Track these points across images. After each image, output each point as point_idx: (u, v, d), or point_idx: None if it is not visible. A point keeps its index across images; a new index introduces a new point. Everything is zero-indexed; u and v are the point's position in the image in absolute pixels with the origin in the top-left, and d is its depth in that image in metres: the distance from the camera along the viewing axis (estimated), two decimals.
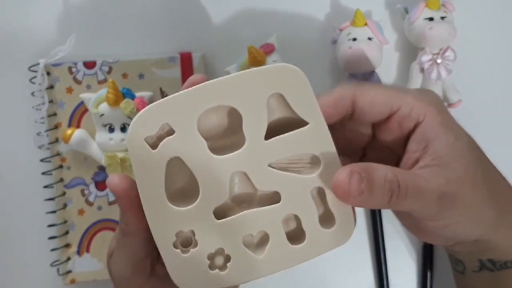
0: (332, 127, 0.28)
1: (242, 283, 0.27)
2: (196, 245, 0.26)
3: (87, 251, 0.46)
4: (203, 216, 0.26)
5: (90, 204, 0.46)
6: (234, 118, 0.26)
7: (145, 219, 0.26)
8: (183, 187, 0.27)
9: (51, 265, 0.46)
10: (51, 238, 0.46)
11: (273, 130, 0.27)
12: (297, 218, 0.27)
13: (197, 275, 0.26)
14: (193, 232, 0.26)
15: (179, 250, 0.26)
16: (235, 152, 0.26)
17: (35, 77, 0.45)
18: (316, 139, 0.27)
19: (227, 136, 0.27)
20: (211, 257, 0.26)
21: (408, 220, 0.32)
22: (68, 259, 0.46)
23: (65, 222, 0.46)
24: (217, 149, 0.26)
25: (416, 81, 0.45)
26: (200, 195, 0.26)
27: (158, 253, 0.27)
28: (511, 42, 0.48)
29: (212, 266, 0.26)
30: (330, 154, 0.27)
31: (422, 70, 0.45)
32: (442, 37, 0.44)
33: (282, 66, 0.26)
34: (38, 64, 0.45)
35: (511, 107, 0.48)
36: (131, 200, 0.27)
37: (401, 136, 0.30)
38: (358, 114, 0.30)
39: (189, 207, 0.26)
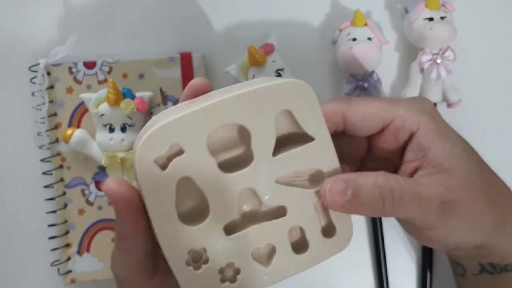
0: None
1: None
2: (207, 261, 0.27)
3: (88, 251, 0.46)
4: (214, 233, 0.26)
5: (90, 204, 0.46)
6: (242, 132, 0.27)
7: (142, 223, 0.26)
8: (193, 205, 0.27)
9: (52, 265, 0.46)
10: (51, 238, 0.46)
11: (279, 144, 0.27)
12: (301, 229, 0.28)
13: None
14: (204, 249, 0.26)
15: (191, 267, 0.26)
16: (244, 170, 0.26)
17: (35, 77, 0.45)
18: (322, 154, 0.27)
19: (235, 149, 0.27)
20: (222, 270, 0.27)
21: (408, 226, 0.32)
22: (69, 259, 0.46)
23: (66, 222, 0.46)
24: (225, 164, 0.27)
25: (416, 81, 0.45)
26: (211, 213, 0.26)
27: (158, 250, 0.27)
28: (511, 42, 0.48)
29: (223, 280, 0.27)
30: (334, 169, 0.28)
31: (422, 70, 0.45)
32: (442, 37, 0.44)
33: (291, 83, 0.26)
34: (38, 64, 0.45)
35: (511, 107, 0.48)
36: (127, 205, 0.27)
37: (397, 147, 0.30)
38: (350, 129, 0.30)
39: (200, 225, 0.26)
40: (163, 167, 0.25)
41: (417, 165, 0.29)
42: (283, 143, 0.27)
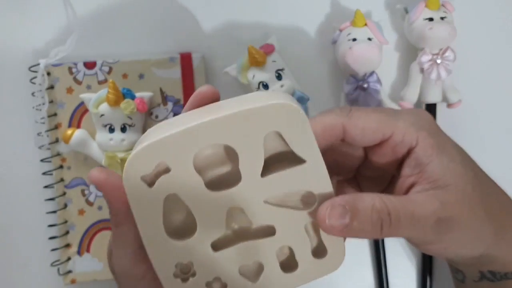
0: (322, 150, 0.28)
1: None
2: (194, 274, 0.27)
3: (88, 251, 0.46)
4: (200, 248, 0.27)
5: (90, 204, 0.46)
6: (230, 150, 0.26)
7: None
8: (181, 221, 0.27)
9: (52, 265, 0.46)
10: (51, 238, 0.46)
11: (269, 161, 0.27)
12: (290, 248, 0.28)
13: None
14: (191, 263, 0.27)
15: (179, 279, 0.27)
16: (231, 189, 0.26)
17: (35, 77, 0.45)
18: (313, 176, 0.27)
19: (223, 166, 0.27)
20: (209, 284, 0.28)
21: (407, 240, 0.32)
22: (69, 259, 0.46)
23: (66, 222, 0.46)
24: (213, 181, 0.27)
25: (416, 81, 0.45)
26: (198, 229, 0.27)
27: None
28: (511, 42, 0.48)
29: None
30: (326, 191, 0.27)
31: (422, 70, 0.45)
32: (442, 37, 0.44)
33: (279, 105, 0.26)
34: (38, 64, 0.45)
35: (511, 107, 0.48)
36: (116, 190, 0.27)
37: (394, 159, 0.30)
38: (349, 141, 0.29)
39: (187, 240, 0.27)
40: (151, 184, 0.26)
41: (413, 180, 0.29)
42: (275, 162, 0.27)
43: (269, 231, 0.28)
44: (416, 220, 0.27)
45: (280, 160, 0.27)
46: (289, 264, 0.28)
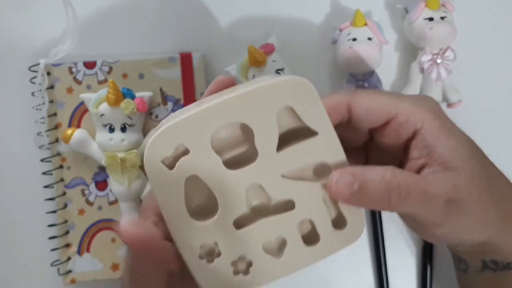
0: None
1: (264, 285, 0.28)
2: (219, 254, 0.28)
3: (88, 251, 0.46)
4: (223, 228, 0.27)
5: (90, 204, 0.46)
6: (245, 129, 0.27)
7: (162, 263, 0.27)
8: (203, 201, 0.28)
9: (52, 265, 0.46)
10: (51, 238, 0.46)
11: (284, 138, 0.27)
12: (311, 221, 0.28)
13: (224, 281, 0.28)
14: (216, 243, 0.28)
15: (204, 260, 0.27)
16: (249, 166, 0.27)
17: (35, 77, 0.45)
18: (326, 147, 0.28)
19: (240, 146, 0.28)
20: (235, 263, 0.28)
21: (413, 223, 0.32)
22: (69, 259, 0.46)
23: (66, 222, 0.46)
24: (231, 161, 0.27)
25: (416, 81, 0.45)
26: (219, 209, 0.27)
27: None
28: (511, 42, 0.48)
29: (236, 272, 0.28)
30: (340, 161, 0.28)
31: (422, 70, 0.45)
32: (442, 37, 0.44)
33: (291, 80, 0.27)
34: (38, 64, 0.45)
35: (511, 107, 0.48)
36: (147, 250, 0.26)
37: (400, 142, 0.30)
38: (354, 121, 0.30)
39: (210, 220, 0.27)
40: (171, 166, 0.26)
41: (423, 162, 0.29)
42: (288, 138, 0.28)
43: (288, 206, 0.28)
44: (427, 197, 0.27)
45: (294, 134, 0.28)
46: (311, 237, 0.29)
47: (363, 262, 0.48)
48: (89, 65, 0.45)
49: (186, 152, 0.26)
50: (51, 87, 0.45)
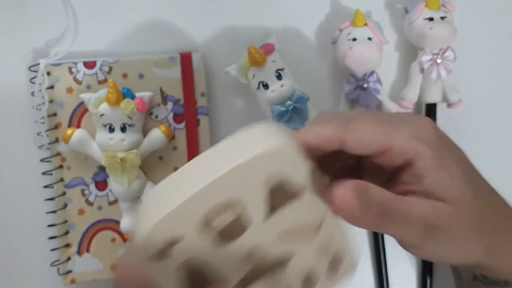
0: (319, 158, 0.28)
1: None
2: None
3: (87, 251, 0.46)
4: None
5: (90, 204, 0.46)
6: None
7: None
8: (200, 277, 0.28)
9: (51, 265, 0.46)
10: (51, 238, 0.46)
11: (276, 196, 0.27)
12: (309, 269, 0.29)
13: None
14: None
15: None
16: (242, 236, 0.27)
17: (35, 77, 0.45)
18: (315, 203, 0.27)
19: (228, 211, 0.28)
20: None
21: (397, 242, 0.32)
22: (68, 259, 0.46)
23: (65, 222, 0.46)
24: (224, 231, 0.27)
25: (416, 81, 0.45)
26: (218, 281, 0.27)
27: None
28: (511, 42, 0.48)
29: None
30: (329, 212, 0.28)
31: (422, 70, 0.45)
32: (442, 37, 0.44)
33: (271, 151, 0.26)
34: (38, 64, 0.45)
35: (511, 106, 0.48)
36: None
37: (391, 168, 0.30)
38: (346, 151, 0.29)
39: None
40: (162, 257, 0.26)
41: (410, 188, 0.29)
42: (278, 194, 0.27)
43: (286, 257, 0.28)
44: (407, 220, 0.27)
45: (282, 190, 0.27)
46: (308, 282, 0.29)
47: (363, 262, 0.48)
48: (89, 65, 0.45)
49: (176, 240, 0.26)
50: (51, 87, 0.45)
